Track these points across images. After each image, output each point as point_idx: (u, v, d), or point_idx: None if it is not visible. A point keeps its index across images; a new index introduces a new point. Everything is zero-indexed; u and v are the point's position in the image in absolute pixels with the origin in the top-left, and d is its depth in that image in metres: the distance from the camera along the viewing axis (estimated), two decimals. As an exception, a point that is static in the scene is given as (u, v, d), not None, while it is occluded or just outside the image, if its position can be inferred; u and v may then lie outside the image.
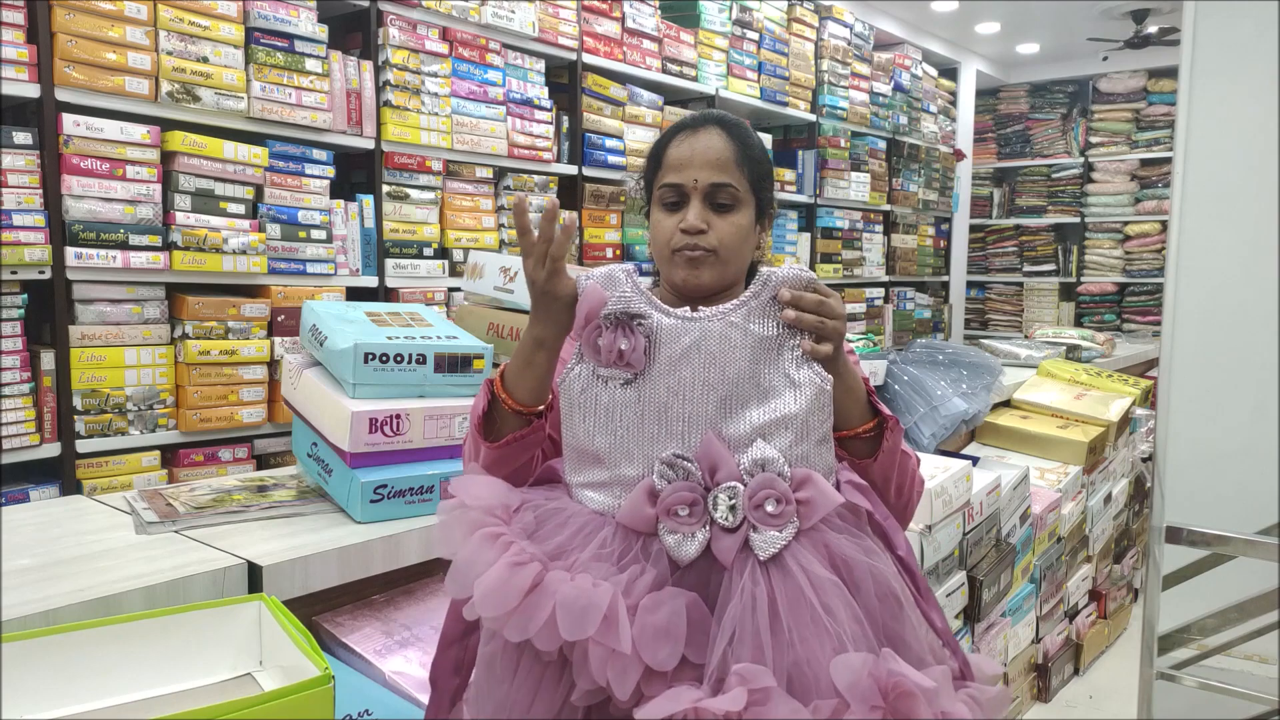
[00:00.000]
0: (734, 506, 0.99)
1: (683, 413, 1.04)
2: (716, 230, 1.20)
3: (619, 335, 1.06)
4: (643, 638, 0.94)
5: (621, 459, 1.05)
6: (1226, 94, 1.81)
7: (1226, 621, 1.85)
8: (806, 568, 0.97)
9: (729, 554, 0.98)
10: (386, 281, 3.30)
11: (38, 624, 1.17)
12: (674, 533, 0.99)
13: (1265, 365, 1.82)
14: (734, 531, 0.98)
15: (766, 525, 0.98)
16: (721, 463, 1.00)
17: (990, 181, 8.07)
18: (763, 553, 0.97)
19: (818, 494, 1.00)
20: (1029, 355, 4.10)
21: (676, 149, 1.24)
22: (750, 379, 1.04)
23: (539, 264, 1.11)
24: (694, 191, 1.21)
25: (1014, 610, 2.83)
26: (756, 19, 4.92)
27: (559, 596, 0.94)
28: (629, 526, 1.02)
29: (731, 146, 1.23)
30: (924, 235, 6.57)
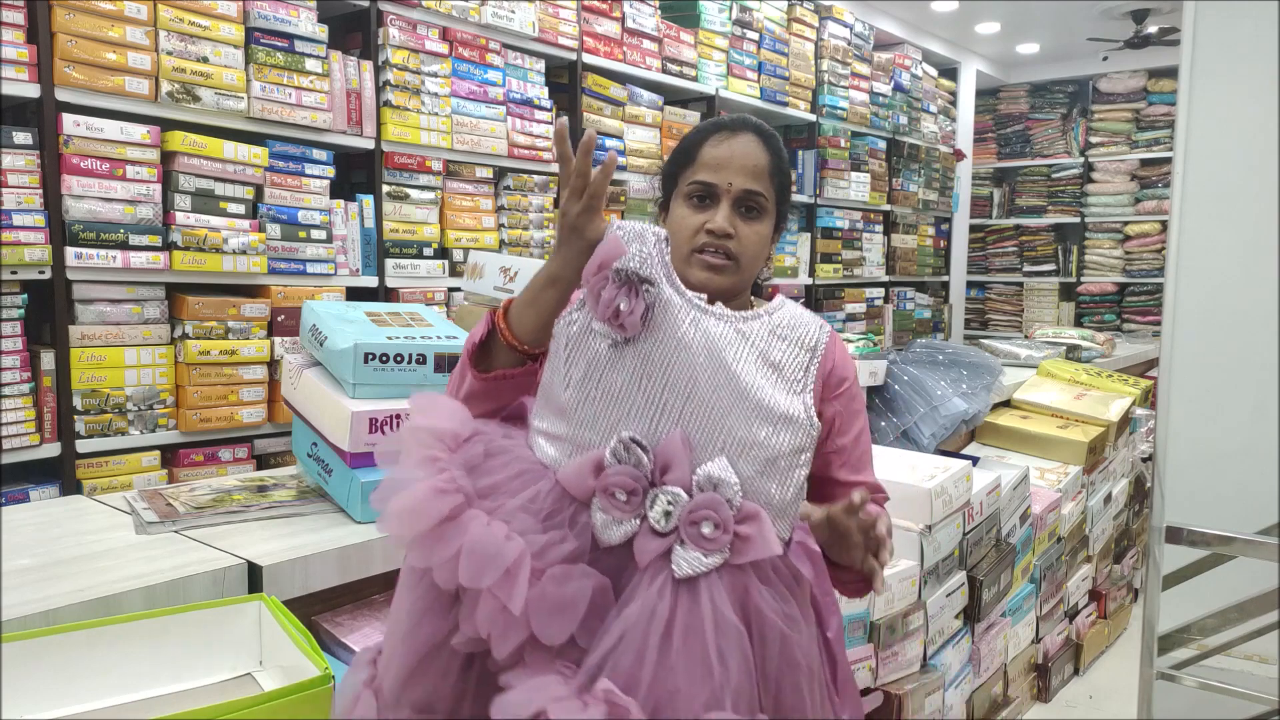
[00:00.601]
0: (669, 513, 0.95)
1: (660, 397, 1.00)
2: (741, 236, 1.21)
3: (622, 293, 1.01)
4: (539, 606, 0.91)
5: (585, 421, 1.01)
6: (1226, 94, 1.81)
7: (1226, 621, 1.85)
8: (717, 604, 0.92)
9: (647, 557, 0.94)
10: (386, 281, 3.30)
11: (38, 624, 1.17)
12: (605, 512, 0.96)
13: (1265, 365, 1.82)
14: (662, 537, 0.95)
15: (695, 545, 0.94)
16: (676, 465, 0.97)
17: (990, 181, 8.07)
18: (679, 570, 0.93)
19: (758, 535, 0.95)
20: (1029, 355, 4.09)
21: (714, 149, 1.25)
22: (739, 391, 1.00)
23: (574, 197, 1.07)
24: (726, 194, 1.21)
25: (1014, 610, 2.83)
26: (756, 19, 4.92)
27: (468, 537, 0.91)
28: (566, 489, 0.98)
29: (767, 156, 1.24)
30: (924, 235, 6.57)
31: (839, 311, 5.60)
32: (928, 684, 2.27)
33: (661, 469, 0.97)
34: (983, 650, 2.61)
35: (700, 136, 1.28)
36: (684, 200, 1.26)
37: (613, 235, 1.05)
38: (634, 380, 1.00)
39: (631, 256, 1.03)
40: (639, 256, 1.03)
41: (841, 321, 5.59)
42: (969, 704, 2.54)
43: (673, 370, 1.00)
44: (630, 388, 1.00)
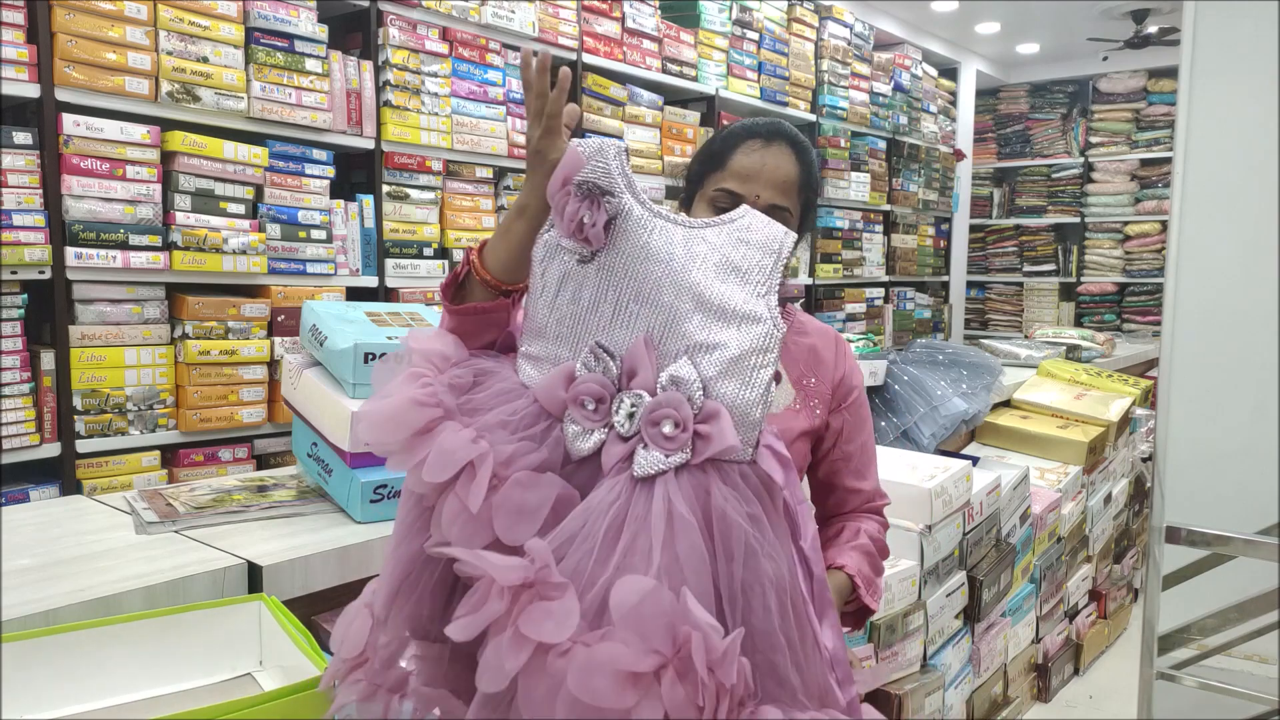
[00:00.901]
0: (633, 415, 0.93)
1: (627, 306, 0.98)
2: None
3: (584, 206, 0.99)
4: (502, 509, 0.89)
5: (560, 337, 1.00)
6: (1226, 94, 1.81)
7: (1226, 621, 1.85)
8: (671, 500, 0.88)
9: (612, 461, 0.92)
10: (386, 281, 3.30)
11: (38, 624, 1.17)
12: (575, 424, 0.95)
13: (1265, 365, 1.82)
14: (626, 441, 0.93)
15: (656, 445, 0.90)
16: (641, 369, 0.94)
17: (990, 181, 8.08)
18: (639, 470, 0.90)
19: (718, 433, 0.90)
20: (1029, 355, 4.10)
21: (746, 157, 1.24)
22: (700, 294, 0.97)
23: (535, 121, 1.05)
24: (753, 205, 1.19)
25: (1014, 610, 2.84)
26: (756, 19, 4.92)
27: (437, 441, 0.91)
28: (541, 404, 0.98)
29: (798, 169, 1.24)
30: (924, 235, 6.57)
31: (839, 311, 5.60)
32: (928, 684, 2.27)
33: (628, 374, 0.95)
34: (983, 650, 2.61)
35: (733, 141, 1.27)
36: (708, 204, 1.26)
37: (572, 150, 1.02)
38: (601, 292, 0.99)
39: (592, 169, 1.01)
40: (599, 169, 1.01)
41: (841, 321, 5.59)
42: (969, 704, 2.54)
43: (637, 278, 0.99)
44: (598, 299, 0.99)
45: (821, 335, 1.43)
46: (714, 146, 1.30)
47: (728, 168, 1.26)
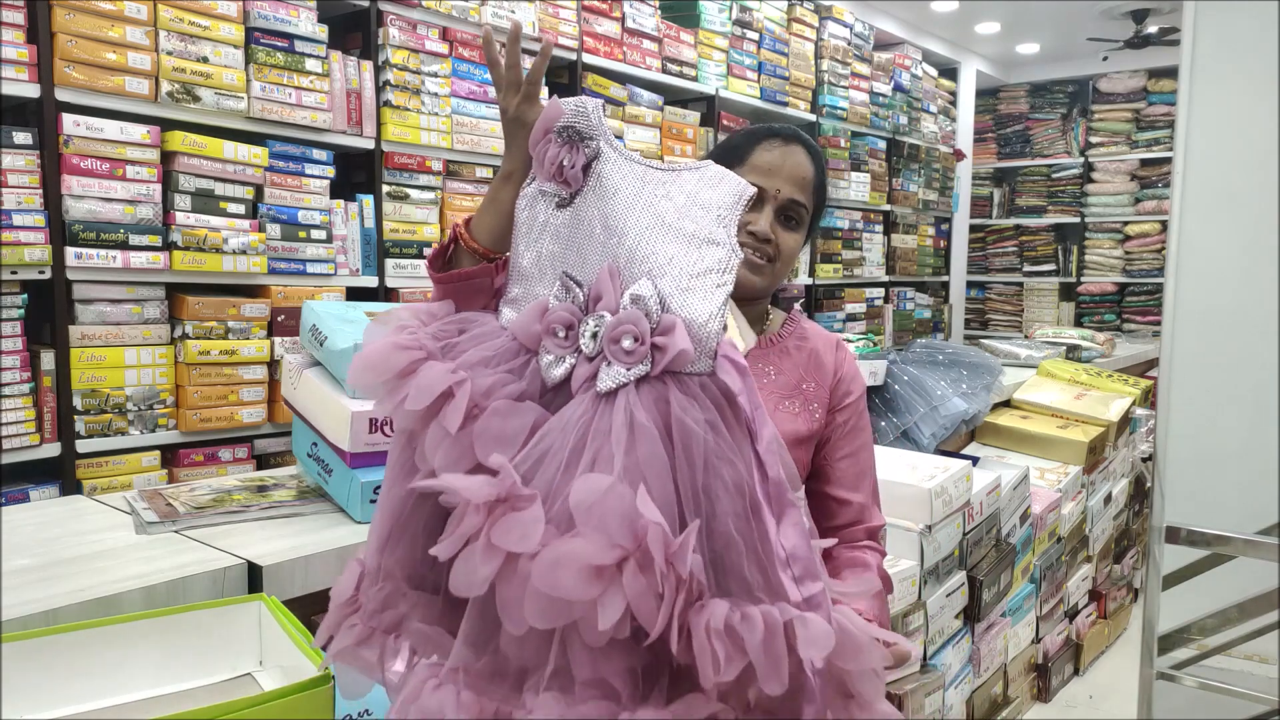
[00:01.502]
0: (595, 335, 0.96)
1: (599, 241, 1.02)
2: (780, 242, 1.29)
3: (564, 150, 1.04)
4: (483, 436, 0.93)
5: (537, 278, 1.04)
6: (1226, 94, 1.81)
7: (1226, 621, 1.85)
8: (631, 410, 0.91)
9: (579, 381, 0.96)
10: (386, 281, 3.30)
11: (38, 624, 1.18)
12: (548, 353, 0.98)
13: (1265, 365, 1.82)
14: (591, 361, 0.96)
15: (617, 360, 0.94)
16: (605, 293, 0.98)
17: (990, 181, 8.08)
18: (601, 386, 0.93)
19: (672, 344, 0.94)
20: (1029, 355, 4.10)
21: (767, 153, 1.30)
22: (666, 223, 1.01)
23: (511, 90, 1.09)
24: (772, 200, 1.28)
25: (1014, 610, 2.84)
26: (756, 19, 4.92)
27: (418, 376, 0.95)
28: (518, 339, 1.01)
29: (813, 170, 1.31)
30: (924, 235, 6.57)
31: (839, 311, 5.60)
32: (928, 684, 2.27)
33: (594, 300, 0.98)
34: (983, 650, 2.61)
35: (754, 139, 1.32)
36: None
37: (554, 101, 1.07)
38: (575, 229, 1.04)
39: (572, 115, 1.05)
40: (580, 115, 1.05)
41: (841, 321, 5.59)
42: (969, 704, 2.54)
43: (609, 215, 1.03)
44: (574, 237, 1.03)
45: (824, 340, 1.44)
46: (732, 143, 1.35)
47: (748, 162, 1.31)
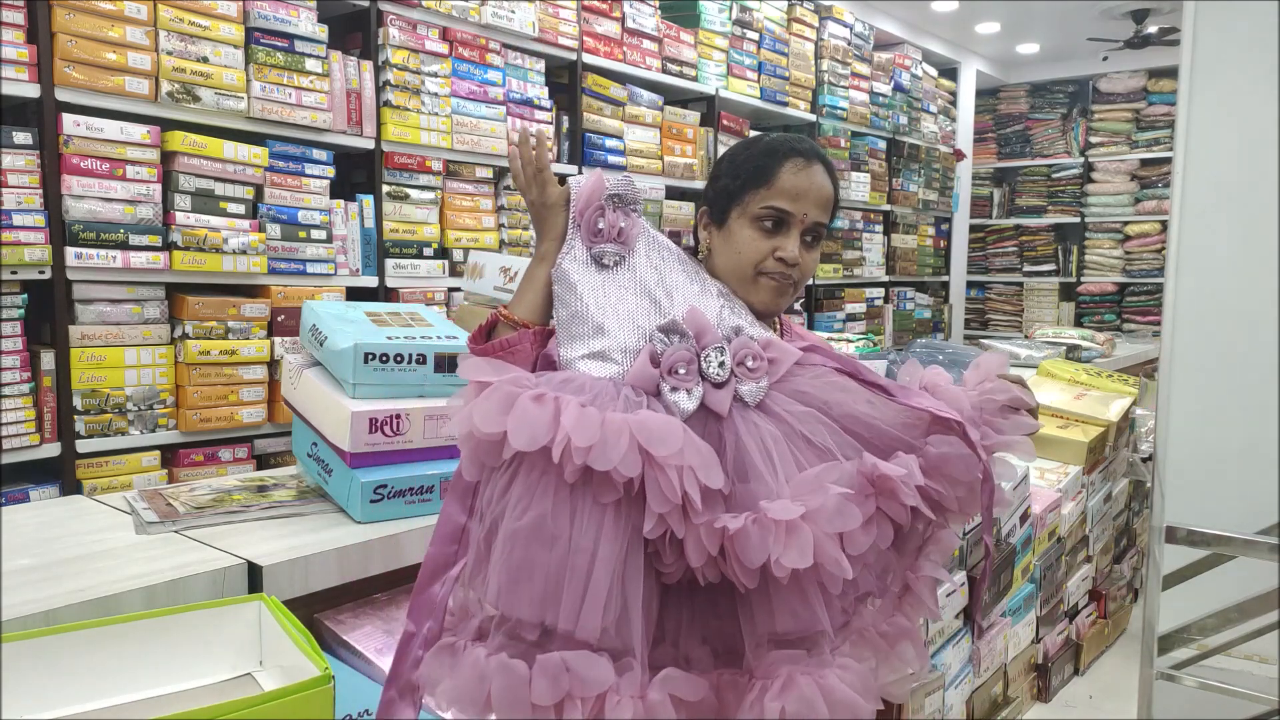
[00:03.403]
0: (723, 363, 1.13)
1: (661, 288, 1.21)
2: (803, 264, 1.32)
3: (619, 215, 1.23)
4: (694, 460, 1.04)
5: (619, 329, 1.17)
6: (1226, 94, 1.81)
7: (1226, 621, 1.85)
8: (787, 408, 1.14)
9: (724, 405, 1.12)
10: (386, 281, 3.30)
11: (38, 624, 1.17)
12: (675, 390, 1.11)
13: (1265, 365, 1.82)
14: (723, 386, 1.13)
15: (748, 378, 1.14)
16: (706, 330, 1.16)
17: (990, 181, 8.07)
18: (752, 399, 1.13)
19: (780, 353, 1.17)
20: (1029, 355, 4.10)
21: (793, 177, 1.30)
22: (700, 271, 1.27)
23: (530, 184, 1.26)
24: (799, 224, 1.30)
25: (1014, 610, 2.83)
26: (756, 19, 4.92)
27: (633, 426, 1.03)
28: (637, 385, 1.12)
29: (833, 189, 1.35)
30: (924, 235, 6.57)
31: (839, 311, 5.60)
32: (928, 684, 2.27)
33: (698, 337, 1.15)
34: (983, 650, 2.61)
35: (777, 160, 1.31)
36: (752, 222, 1.29)
37: (595, 175, 1.25)
38: (644, 281, 1.21)
39: (616, 185, 1.24)
40: (623, 185, 1.25)
41: (841, 321, 5.59)
42: (969, 704, 2.54)
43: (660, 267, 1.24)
44: (644, 288, 1.21)
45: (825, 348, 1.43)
46: (756, 163, 1.32)
47: (775, 185, 1.29)
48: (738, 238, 1.29)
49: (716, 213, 1.34)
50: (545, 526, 1.03)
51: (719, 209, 1.34)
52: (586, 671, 1.00)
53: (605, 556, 1.02)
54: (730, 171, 1.34)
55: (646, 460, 1.01)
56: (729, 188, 1.32)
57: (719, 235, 1.33)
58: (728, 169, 1.34)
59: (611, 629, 1.02)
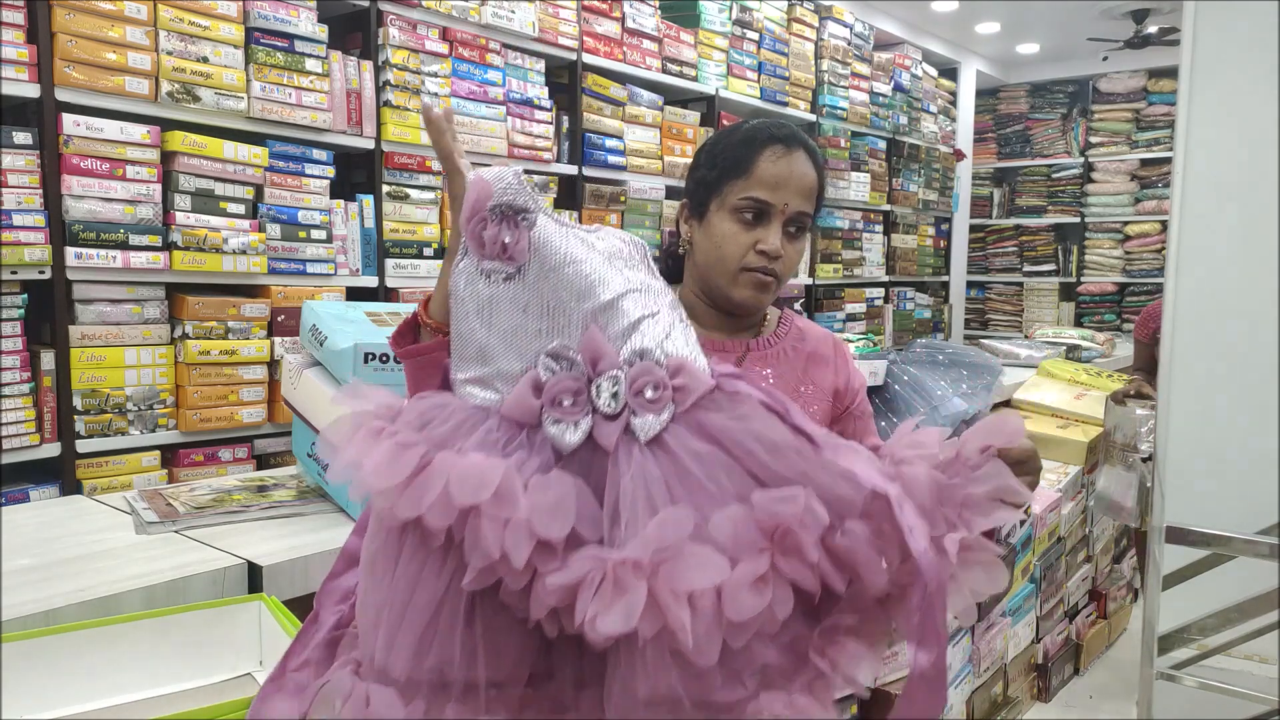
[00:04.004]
0: (616, 394, 0.99)
1: (563, 306, 1.03)
2: (786, 256, 1.26)
3: (503, 228, 1.05)
4: (535, 513, 0.91)
5: (503, 353, 1.04)
6: (1226, 94, 1.81)
7: (1226, 621, 1.85)
8: (686, 444, 0.97)
9: (611, 439, 0.97)
10: (386, 281, 3.30)
11: (38, 624, 1.18)
12: (558, 422, 0.98)
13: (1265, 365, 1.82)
14: (615, 418, 0.98)
15: (645, 410, 0.98)
16: (603, 354, 1.00)
17: (990, 181, 8.08)
18: (644, 435, 0.96)
19: (691, 379, 0.99)
20: (1029, 355, 4.10)
21: (772, 165, 1.24)
22: (616, 282, 1.04)
23: (444, 169, 1.11)
24: (780, 214, 1.24)
25: (1014, 610, 2.84)
26: (756, 19, 4.92)
27: (452, 470, 0.92)
28: (513, 418, 1.00)
29: (817, 176, 1.27)
30: (924, 235, 6.57)
31: (839, 311, 5.60)
32: (928, 684, 2.27)
33: (592, 363, 1.00)
34: (983, 650, 2.61)
35: (755, 148, 1.26)
36: (731, 214, 1.25)
37: (475, 178, 1.07)
38: (535, 299, 1.04)
39: (503, 191, 1.05)
40: (510, 189, 1.06)
41: (841, 321, 5.59)
42: (969, 704, 2.54)
43: (563, 281, 1.04)
44: (534, 307, 1.04)
45: (821, 341, 1.41)
46: (733, 154, 1.27)
47: (754, 175, 1.24)
48: (717, 231, 1.26)
49: (696, 205, 1.31)
50: (376, 563, 1.00)
51: (698, 201, 1.31)
52: (380, 709, 0.95)
53: (420, 602, 0.96)
54: (708, 162, 1.30)
55: (463, 509, 0.91)
56: (707, 179, 1.28)
57: (699, 229, 1.30)
58: (705, 159, 1.31)
59: (435, 668, 0.95)
